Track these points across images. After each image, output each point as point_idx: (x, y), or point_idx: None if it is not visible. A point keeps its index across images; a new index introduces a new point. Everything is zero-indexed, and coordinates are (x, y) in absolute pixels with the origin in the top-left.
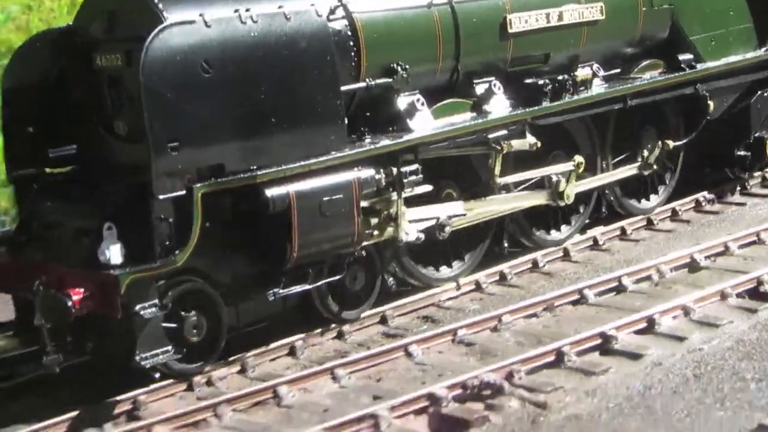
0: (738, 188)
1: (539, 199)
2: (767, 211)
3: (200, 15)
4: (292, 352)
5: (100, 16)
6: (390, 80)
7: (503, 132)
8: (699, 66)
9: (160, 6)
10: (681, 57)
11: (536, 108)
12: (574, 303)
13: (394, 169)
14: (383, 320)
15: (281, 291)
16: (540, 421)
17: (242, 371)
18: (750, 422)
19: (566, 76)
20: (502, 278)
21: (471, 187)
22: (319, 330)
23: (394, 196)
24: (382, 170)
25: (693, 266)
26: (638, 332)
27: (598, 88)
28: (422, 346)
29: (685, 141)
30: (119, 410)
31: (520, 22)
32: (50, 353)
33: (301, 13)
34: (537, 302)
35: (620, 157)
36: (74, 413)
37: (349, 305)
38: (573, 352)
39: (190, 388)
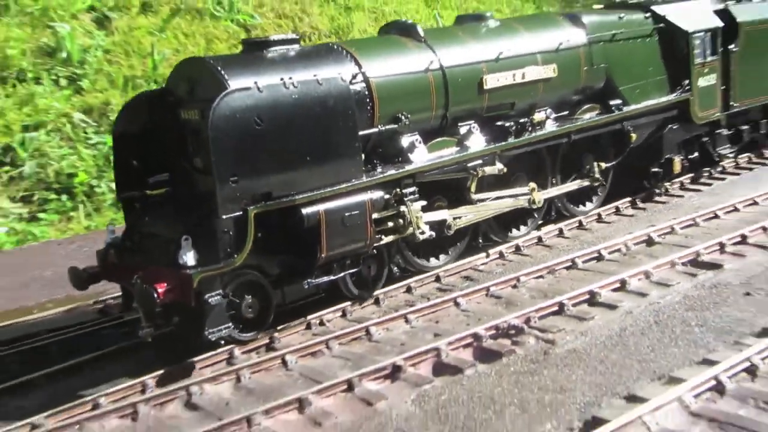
0: (656, 191)
1: (520, 204)
2: (700, 202)
3: (255, 83)
4: (376, 302)
5: (184, 82)
6: (396, 126)
7: (479, 161)
8: (625, 108)
9: (225, 76)
10: (612, 102)
11: (503, 143)
12: (568, 268)
13: (398, 191)
14: (437, 279)
15: (314, 281)
16: (550, 353)
17: (343, 315)
18: (696, 356)
19: (526, 119)
20: (518, 249)
21: (456, 200)
22: (394, 286)
23: (404, 208)
24: (390, 191)
25: (650, 242)
26: (614, 290)
27: (550, 127)
28: (466, 298)
29: (614, 163)
30: (260, 344)
31: (493, 81)
32: (144, 328)
33: (330, 80)
34: (542, 267)
35: (571, 176)
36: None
37: (365, 288)
38: (570, 304)
39: (308, 327)
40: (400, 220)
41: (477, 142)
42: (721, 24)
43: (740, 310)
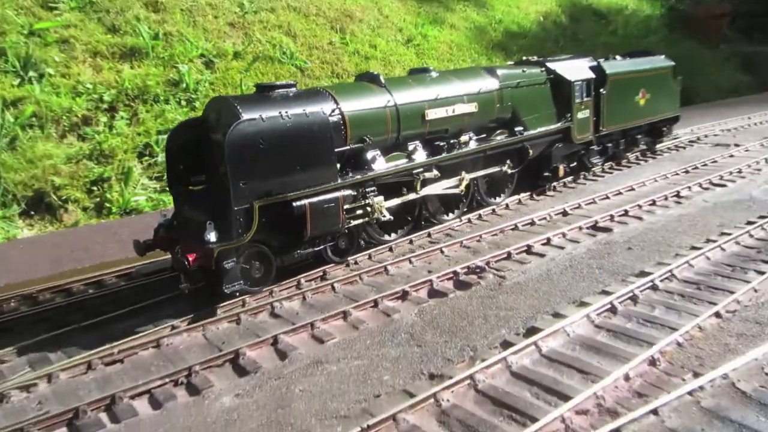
0: (548, 186)
1: (456, 189)
2: (600, 187)
3: (260, 115)
4: (390, 249)
5: (214, 113)
6: (362, 144)
7: (421, 169)
8: (526, 133)
9: (240, 110)
10: (516, 129)
11: (438, 157)
12: (513, 229)
13: (363, 189)
14: (429, 235)
15: (302, 252)
16: (502, 284)
17: (369, 258)
18: (597, 288)
19: (455, 140)
20: (479, 217)
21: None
22: (403, 239)
23: (368, 200)
24: (357, 190)
25: (565, 213)
26: (543, 244)
27: (472, 145)
28: (448, 248)
29: (517, 169)
30: (315, 275)
31: (432, 114)
32: (183, 282)
33: (315, 113)
34: (496, 228)
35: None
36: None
37: (342, 255)
38: (515, 252)
39: (347, 266)
40: (368, 208)
41: (420, 156)
42: (593, 75)
43: (624, 259)
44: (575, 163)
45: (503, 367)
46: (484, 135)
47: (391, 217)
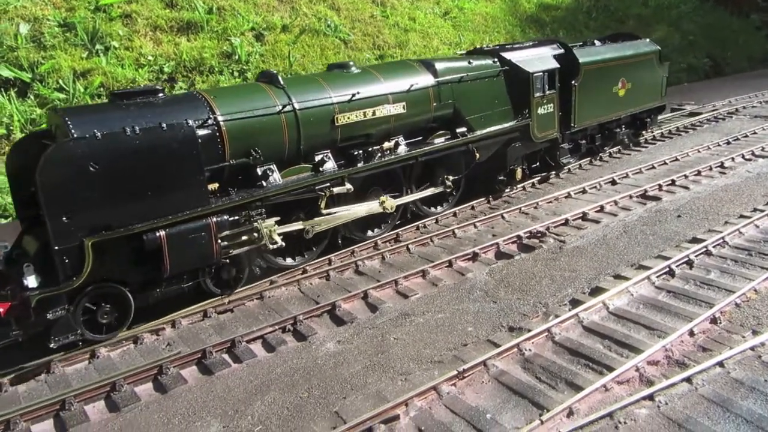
0: (505, 191)
1: (375, 210)
2: (645, 157)
3: (95, 132)
4: (454, 214)
5: (53, 126)
6: (248, 159)
7: (326, 184)
8: (470, 135)
9: (71, 127)
10: (458, 130)
11: (349, 169)
12: (566, 197)
13: (248, 212)
14: (488, 201)
15: (166, 290)
16: (563, 248)
17: (436, 222)
18: (652, 253)
19: (375, 148)
20: (533, 185)
21: (312, 214)
22: (465, 205)
23: (257, 225)
24: (239, 213)
25: (614, 182)
26: (597, 211)
27: (401, 152)
28: (507, 214)
29: (461, 176)
30: (391, 238)
31: (344, 118)
32: (14, 329)
33: (175, 126)
34: (551, 196)
35: (426, 184)
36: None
37: (227, 287)
38: (571, 219)
39: (417, 228)
40: (255, 234)
41: (328, 168)
42: (557, 65)
43: (675, 227)
44: (538, 164)
45: (575, 322)
46: (421, 138)
47: (283, 244)
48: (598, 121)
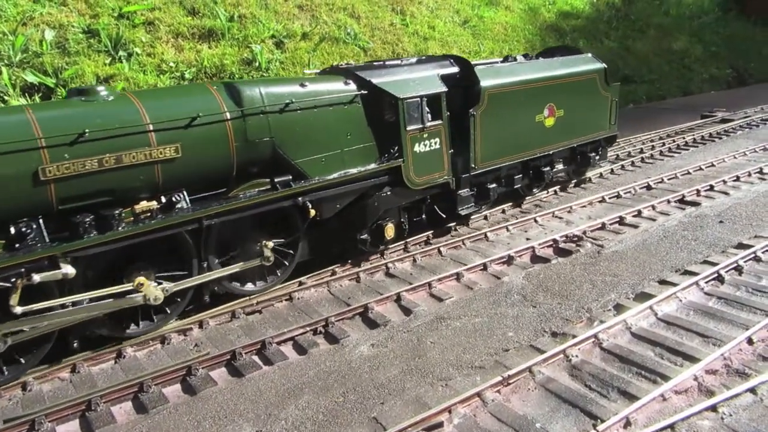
0: (375, 252)
1: (127, 304)
2: (679, 162)
3: None
4: (485, 217)
5: None
6: None
7: (19, 269)
8: (299, 184)
9: None
10: (277, 179)
11: (65, 245)
12: (600, 201)
13: None
14: (519, 205)
15: None
16: (601, 253)
17: (466, 225)
18: (697, 259)
19: (114, 212)
20: (564, 189)
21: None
22: (495, 209)
23: None
24: None
25: (649, 187)
26: (634, 216)
27: (181, 211)
28: (541, 217)
29: (290, 239)
30: (423, 240)
31: (60, 169)
32: None
33: None
34: (584, 201)
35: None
36: None
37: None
38: (608, 223)
39: (448, 232)
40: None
41: (27, 244)
42: (444, 89)
43: (718, 232)
44: (422, 216)
45: (623, 327)
46: (225, 189)
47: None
48: (512, 159)
